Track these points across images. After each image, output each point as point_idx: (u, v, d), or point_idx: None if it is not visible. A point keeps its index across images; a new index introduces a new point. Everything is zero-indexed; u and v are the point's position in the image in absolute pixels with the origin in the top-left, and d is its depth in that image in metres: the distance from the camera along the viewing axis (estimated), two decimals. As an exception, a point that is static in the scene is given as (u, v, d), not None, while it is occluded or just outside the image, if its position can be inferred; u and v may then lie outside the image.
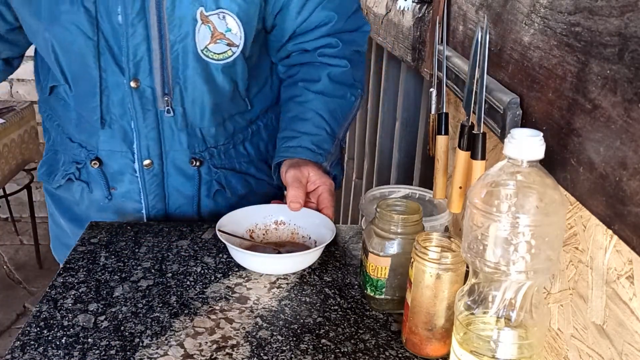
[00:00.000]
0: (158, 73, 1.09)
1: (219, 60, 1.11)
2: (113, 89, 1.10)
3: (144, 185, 1.18)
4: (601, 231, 0.65)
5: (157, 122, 1.13)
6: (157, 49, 1.07)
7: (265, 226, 1.10)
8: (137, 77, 1.08)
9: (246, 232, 1.09)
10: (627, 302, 0.60)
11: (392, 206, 0.90)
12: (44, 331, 0.84)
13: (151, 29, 1.05)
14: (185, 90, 1.11)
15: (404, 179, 1.81)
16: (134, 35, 1.05)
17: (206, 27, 1.07)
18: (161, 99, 1.11)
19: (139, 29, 1.05)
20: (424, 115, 1.64)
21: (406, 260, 0.85)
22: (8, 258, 3.18)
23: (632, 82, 0.57)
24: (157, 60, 1.08)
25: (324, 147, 1.14)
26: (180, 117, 1.14)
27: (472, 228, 0.65)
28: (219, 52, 1.10)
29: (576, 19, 0.67)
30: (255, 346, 0.83)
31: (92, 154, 1.16)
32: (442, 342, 0.80)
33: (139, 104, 1.10)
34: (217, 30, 1.08)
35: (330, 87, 1.18)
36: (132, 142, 1.14)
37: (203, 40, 1.08)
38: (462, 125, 0.85)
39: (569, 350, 0.72)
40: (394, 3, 1.60)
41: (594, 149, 0.63)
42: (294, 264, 1.00)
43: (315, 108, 1.16)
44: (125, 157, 1.16)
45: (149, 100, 1.11)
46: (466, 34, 1.04)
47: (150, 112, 1.12)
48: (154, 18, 1.04)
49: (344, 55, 1.19)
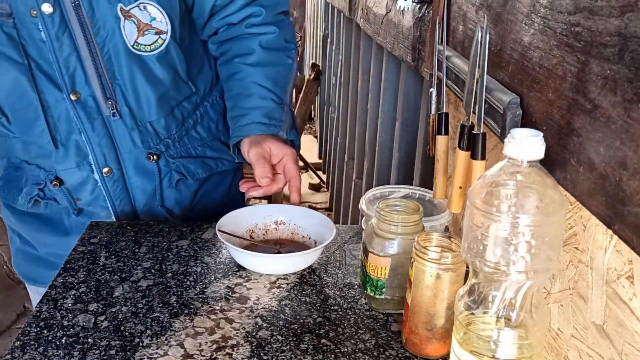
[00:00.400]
0: (95, 79, 1.08)
1: (151, 52, 1.10)
2: (55, 108, 1.08)
3: (107, 193, 1.17)
4: (601, 231, 0.65)
5: (106, 128, 1.12)
6: (88, 56, 1.06)
7: (265, 226, 1.11)
8: (75, 89, 1.08)
9: (246, 232, 1.09)
10: (627, 302, 0.60)
11: (392, 206, 0.90)
12: (44, 331, 0.84)
13: (77, 38, 1.04)
14: (127, 90, 1.11)
15: (404, 179, 1.82)
16: (62, 49, 1.04)
17: (130, 21, 1.07)
18: (104, 104, 1.10)
19: (65, 41, 1.04)
20: (424, 115, 1.64)
21: (406, 260, 0.85)
22: (8, 258, 3.18)
23: (632, 82, 0.57)
24: (90, 68, 1.07)
25: (276, 117, 1.15)
26: (128, 117, 1.13)
27: (472, 228, 0.65)
28: (150, 43, 1.10)
29: (576, 19, 0.67)
30: (255, 346, 0.83)
31: (51, 175, 1.15)
32: (442, 342, 0.80)
33: (84, 114, 1.10)
34: (141, 22, 1.08)
35: (265, 55, 1.18)
36: (87, 154, 1.13)
37: (131, 35, 1.07)
38: (462, 125, 0.85)
39: (569, 350, 0.72)
40: (394, 3, 1.60)
41: (594, 149, 0.63)
42: (294, 264, 1.00)
43: (257, 80, 1.16)
44: (83, 170, 1.15)
45: (93, 109, 1.10)
46: (466, 34, 1.04)
47: (96, 120, 1.11)
48: (76, 26, 1.03)
49: (271, 21, 1.19)
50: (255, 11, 1.18)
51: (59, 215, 1.23)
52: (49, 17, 1.01)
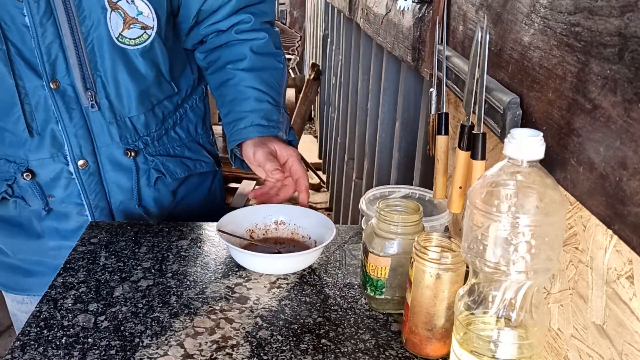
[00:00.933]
0: (76, 69, 1.07)
1: (136, 45, 1.10)
2: (33, 95, 1.07)
3: (82, 186, 1.15)
4: (601, 231, 0.65)
5: (84, 119, 1.11)
6: (71, 44, 1.05)
7: (265, 226, 1.11)
8: (55, 77, 1.06)
9: (246, 232, 1.09)
10: (627, 302, 0.60)
11: (392, 206, 0.90)
12: (44, 331, 0.84)
13: (61, 26, 1.03)
14: (108, 82, 1.10)
15: (404, 179, 1.82)
16: (45, 35, 1.03)
17: (117, 13, 1.06)
18: (84, 95, 1.09)
19: (49, 28, 1.03)
20: (424, 115, 1.64)
21: (406, 260, 0.85)
22: (8, 258, 3.18)
23: (632, 82, 0.57)
24: (72, 57, 1.06)
25: (273, 119, 1.15)
26: (107, 110, 1.12)
27: (472, 228, 0.65)
28: (135, 37, 1.09)
29: (576, 19, 0.67)
30: (255, 346, 0.83)
31: (22, 167, 1.12)
32: (442, 342, 0.80)
33: (62, 104, 1.08)
34: (128, 15, 1.07)
35: (257, 60, 1.19)
36: (63, 144, 1.12)
37: (116, 28, 1.07)
38: (462, 125, 0.85)
39: (569, 350, 0.72)
40: (394, 3, 1.60)
41: (594, 149, 0.63)
42: (293, 264, 1.00)
43: (251, 84, 1.17)
44: (57, 162, 1.13)
45: (72, 99, 1.09)
46: (466, 34, 1.04)
47: (75, 110, 1.10)
48: (62, 14, 1.02)
49: (260, 28, 1.21)
50: (245, 18, 1.19)
51: (28, 220, 1.20)
52: (34, 2, 1.00)
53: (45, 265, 1.22)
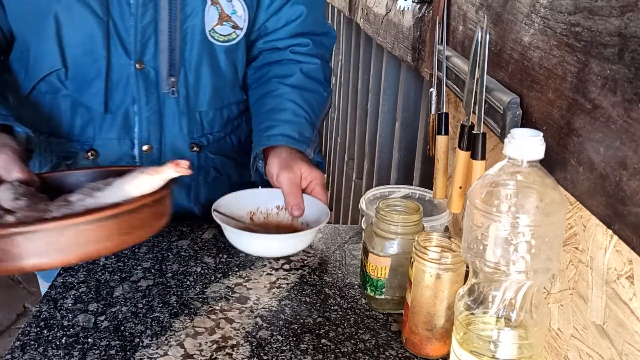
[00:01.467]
0: (164, 54, 1.07)
1: (223, 42, 1.12)
2: (117, 72, 1.07)
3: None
4: (601, 231, 0.65)
5: (158, 105, 1.11)
6: (166, 29, 1.06)
7: (267, 210, 1.11)
8: (143, 59, 1.07)
9: (247, 214, 1.09)
10: (627, 302, 0.60)
11: (392, 206, 0.90)
12: (44, 331, 0.84)
13: (161, 9, 1.04)
14: (190, 72, 1.11)
15: (404, 179, 1.82)
16: (144, 16, 1.03)
17: (215, 7, 1.08)
18: (165, 80, 1.09)
19: (149, 9, 1.03)
20: (424, 115, 1.64)
21: (406, 260, 0.85)
22: (8, 258, 3.18)
23: (632, 82, 0.57)
24: (164, 41, 1.06)
25: (306, 135, 1.14)
26: (183, 100, 1.13)
27: (472, 228, 0.65)
28: (225, 34, 1.11)
29: (576, 19, 0.67)
30: (255, 346, 0.83)
31: (87, 145, 1.12)
32: (442, 342, 0.80)
33: (144, 86, 1.08)
34: (224, 12, 1.09)
35: (304, 80, 1.19)
36: (132, 127, 1.12)
37: (211, 21, 1.08)
38: (462, 125, 0.85)
39: (569, 350, 0.72)
40: (394, 3, 1.60)
41: (594, 149, 0.63)
42: (286, 246, 1.01)
43: (292, 99, 1.16)
44: (123, 144, 1.13)
45: (153, 83, 1.09)
46: (466, 34, 1.04)
47: (153, 95, 1.10)
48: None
49: (315, 54, 1.21)
50: (303, 42, 1.20)
51: None
52: None
53: None
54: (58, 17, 1.01)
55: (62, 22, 1.02)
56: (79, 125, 1.11)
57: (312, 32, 1.22)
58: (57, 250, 0.68)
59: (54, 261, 0.69)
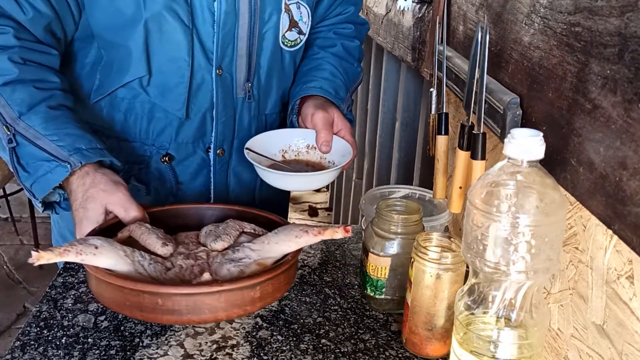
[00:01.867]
0: (242, 60, 1.10)
1: (290, 48, 1.16)
2: (198, 78, 1.09)
3: (214, 175, 1.17)
4: (601, 231, 0.65)
5: (234, 109, 1.14)
6: (245, 36, 1.08)
7: (298, 148, 1.14)
8: (222, 65, 1.09)
9: (279, 151, 1.13)
10: (627, 302, 0.60)
11: (392, 206, 0.90)
12: (44, 331, 0.84)
13: (240, 16, 1.06)
14: (263, 77, 1.14)
15: (404, 179, 1.82)
16: (226, 23, 1.05)
17: (286, 15, 1.12)
18: (242, 86, 1.12)
19: (230, 17, 1.05)
20: (424, 115, 1.64)
21: (406, 260, 0.85)
22: (8, 258, 3.18)
23: (632, 82, 0.57)
24: (242, 48, 1.09)
25: (340, 94, 1.19)
26: (255, 104, 1.16)
27: (472, 228, 0.65)
28: (292, 40, 1.16)
29: (576, 19, 0.67)
30: (255, 346, 0.83)
31: (163, 150, 1.13)
32: (442, 342, 0.80)
33: (222, 91, 1.10)
34: (293, 19, 1.14)
35: (343, 53, 1.25)
36: (209, 131, 1.13)
37: (283, 28, 1.13)
38: (462, 125, 0.85)
39: (569, 350, 0.72)
40: (394, 3, 1.60)
41: (594, 149, 0.63)
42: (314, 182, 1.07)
43: (332, 62, 1.22)
44: (197, 148, 1.14)
45: (229, 88, 1.11)
46: (466, 34, 1.04)
47: (230, 100, 1.12)
48: (245, 5, 1.06)
49: (355, 36, 1.29)
50: (347, 26, 1.28)
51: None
52: None
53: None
54: (147, 25, 1.02)
55: (151, 30, 1.03)
56: (156, 130, 1.12)
57: (354, 22, 1.29)
58: (236, 306, 0.77)
59: (226, 316, 0.78)
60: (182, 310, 0.75)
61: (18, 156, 0.95)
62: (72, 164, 0.92)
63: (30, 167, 0.94)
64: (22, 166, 0.95)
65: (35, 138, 0.94)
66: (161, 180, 1.15)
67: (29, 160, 0.94)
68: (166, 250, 0.85)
